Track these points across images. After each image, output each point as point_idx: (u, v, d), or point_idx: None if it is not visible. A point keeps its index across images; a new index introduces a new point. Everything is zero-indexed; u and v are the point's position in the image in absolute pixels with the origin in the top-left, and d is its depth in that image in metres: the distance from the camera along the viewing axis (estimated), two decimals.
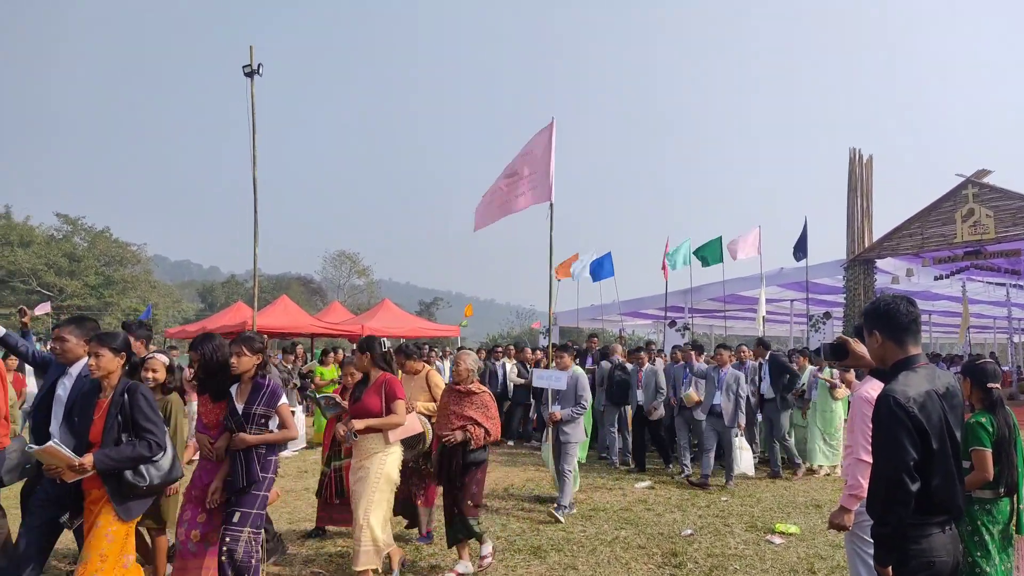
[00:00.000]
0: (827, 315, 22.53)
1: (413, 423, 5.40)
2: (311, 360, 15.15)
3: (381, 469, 5.01)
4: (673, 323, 24.96)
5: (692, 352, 10.97)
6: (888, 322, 2.78)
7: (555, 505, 7.31)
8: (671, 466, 10.09)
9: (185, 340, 24.27)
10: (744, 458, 9.13)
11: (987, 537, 3.81)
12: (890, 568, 2.60)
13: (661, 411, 10.03)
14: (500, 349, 14.29)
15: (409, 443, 5.61)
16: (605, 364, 10.98)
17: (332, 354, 11.95)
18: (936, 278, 21.41)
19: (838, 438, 9.68)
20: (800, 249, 20.38)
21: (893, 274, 21.29)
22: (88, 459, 3.81)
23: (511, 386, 12.92)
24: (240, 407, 4.55)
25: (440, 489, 6.33)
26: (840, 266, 21.30)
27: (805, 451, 10.02)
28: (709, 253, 20.83)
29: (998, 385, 4.03)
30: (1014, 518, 3.96)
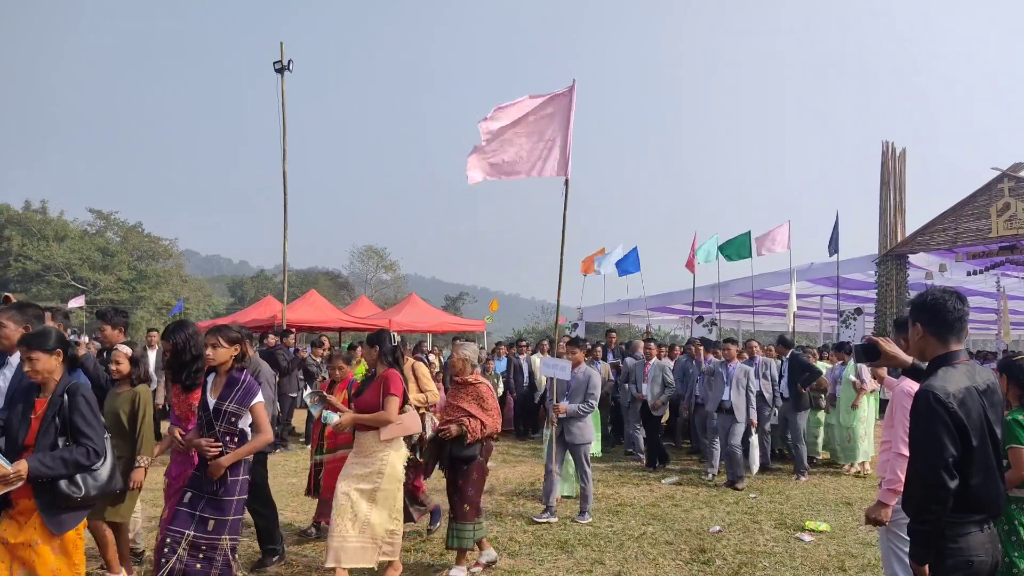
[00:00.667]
0: (858, 311, 22.23)
1: (411, 422, 5.19)
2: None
3: (383, 468, 4.88)
4: (700, 319, 24.80)
5: (700, 348, 10.85)
6: (933, 316, 2.73)
7: (578, 511, 7.09)
8: (663, 465, 9.86)
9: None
10: (754, 455, 8.99)
11: None
12: (927, 566, 2.56)
13: (666, 407, 9.98)
14: (524, 343, 14.21)
15: None
16: (631, 360, 10.95)
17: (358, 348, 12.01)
18: (969, 273, 21.03)
19: (859, 436, 9.54)
20: (832, 243, 20.13)
21: (926, 269, 20.94)
22: (23, 466, 3.44)
23: (539, 381, 12.91)
24: (212, 402, 4.21)
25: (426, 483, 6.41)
26: (872, 261, 21.00)
27: (846, 449, 9.79)
28: (737, 248, 20.65)
29: None
30: None
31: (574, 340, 7.74)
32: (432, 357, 15.68)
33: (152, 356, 11.79)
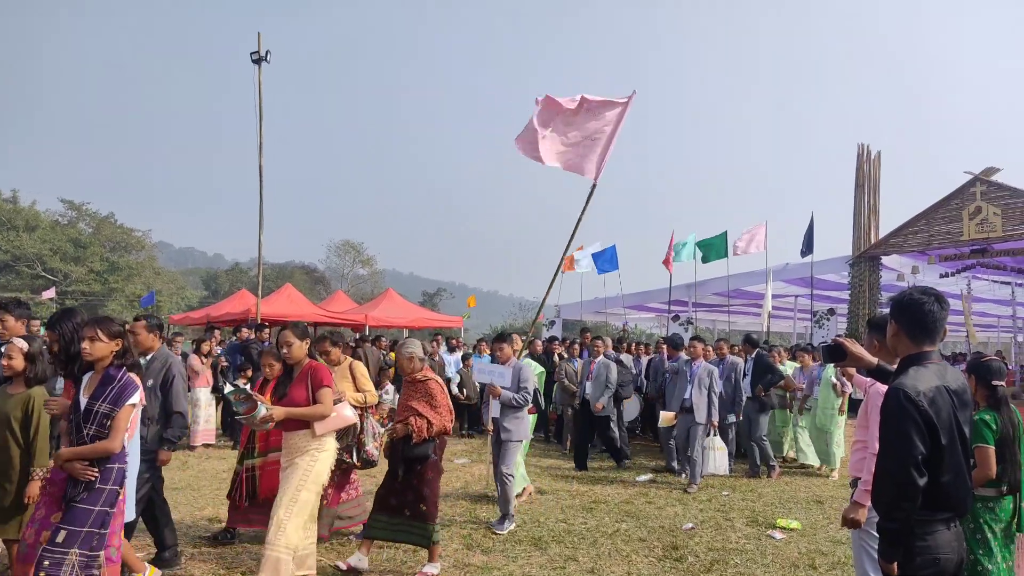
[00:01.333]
0: (831, 311, 22.49)
1: (344, 414, 4.98)
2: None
3: (311, 467, 4.64)
4: (676, 317, 24.95)
5: (664, 346, 10.71)
6: (910, 317, 2.75)
7: (497, 519, 6.60)
8: (625, 462, 9.86)
9: (189, 327, 24.37)
10: (718, 458, 8.59)
11: (989, 535, 3.80)
12: (895, 564, 2.58)
13: (608, 406, 9.65)
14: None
15: (337, 435, 5.34)
16: (577, 361, 11.00)
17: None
18: (942, 276, 21.35)
19: (836, 440, 9.36)
20: (806, 245, 20.33)
21: (899, 271, 21.23)
22: None
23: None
24: (84, 401, 3.83)
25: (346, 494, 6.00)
26: (845, 262, 21.25)
27: (824, 453, 9.63)
28: (714, 248, 20.78)
29: (1003, 383, 4.01)
30: (1016, 516, 3.95)
31: (502, 336, 7.16)
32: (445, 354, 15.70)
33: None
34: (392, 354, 15.24)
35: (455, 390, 12.74)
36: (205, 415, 10.71)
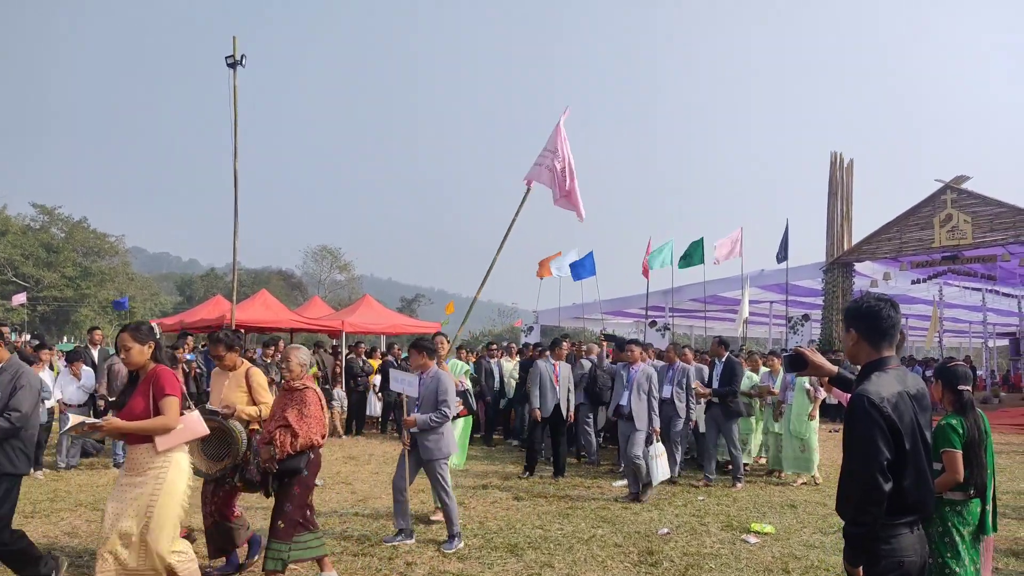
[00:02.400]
0: (806, 317, 22.76)
1: (193, 426, 4.32)
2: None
3: (159, 487, 4.08)
4: (654, 323, 25.09)
5: (604, 343, 10.37)
6: (868, 323, 2.79)
7: (445, 538, 6.20)
8: (559, 476, 9.42)
9: (163, 333, 24.07)
10: (660, 465, 8.12)
11: (957, 538, 3.85)
12: (860, 568, 2.62)
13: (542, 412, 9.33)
14: (495, 347, 14.04)
15: (215, 454, 4.97)
16: (584, 363, 11.00)
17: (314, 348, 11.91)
18: (913, 282, 21.68)
19: (813, 446, 9.19)
20: (781, 251, 20.53)
21: (871, 277, 21.54)
22: None
23: (510, 385, 12.87)
24: None
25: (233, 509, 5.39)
26: (819, 269, 21.50)
27: (799, 460, 9.41)
28: (691, 255, 20.92)
29: (969, 387, 4.08)
30: (982, 519, 4.01)
31: (416, 343, 6.53)
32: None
33: (96, 354, 11.50)
34: (372, 360, 15.19)
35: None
36: None
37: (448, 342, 7.40)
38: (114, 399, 9.72)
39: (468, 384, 7.69)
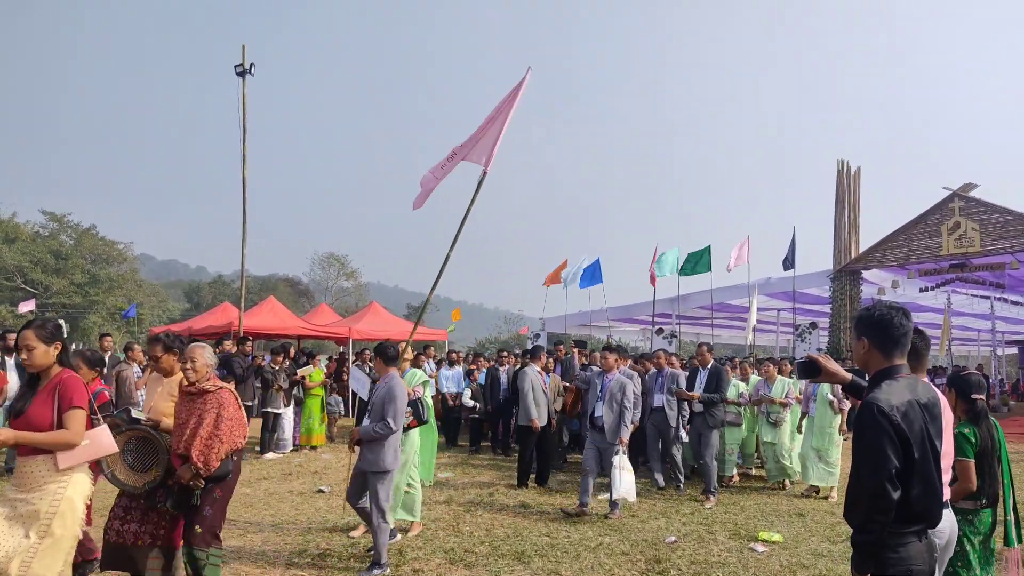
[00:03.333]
0: (813, 325, 22.67)
1: (100, 443, 3.83)
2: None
3: (56, 507, 3.60)
4: (661, 330, 25.05)
5: (576, 351, 10.08)
6: (879, 332, 2.78)
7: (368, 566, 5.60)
8: (522, 484, 9.16)
9: None
10: (624, 480, 7.48)
11: (968, 547, 3.84)
12: None
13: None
14: (506, 354, 13.93)
15: (139, 465, 4.49)
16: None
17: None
18: (921, 290, 21.60)
19: (836, 457, 8.79)
20: (789, 259, 20.50)
21: (879, 285, 21.46)
22: None
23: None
24: None
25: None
26: (827, 277, 21.44)
27: (780, 470, 9.34)
28: (697, 263, 20.90)
29: (982, 396, 4.06)
30: (995, 529, 3.99)
31: (377, 348, 6.15)
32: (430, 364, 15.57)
33: (107, 359, 11.56)
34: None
35: (468, 402, 12.87)
36: None
37: (411, 351, 6.91)
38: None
39: (424, 393, 7.04)
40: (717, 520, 7.57)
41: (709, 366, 9.05)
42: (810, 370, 3.16)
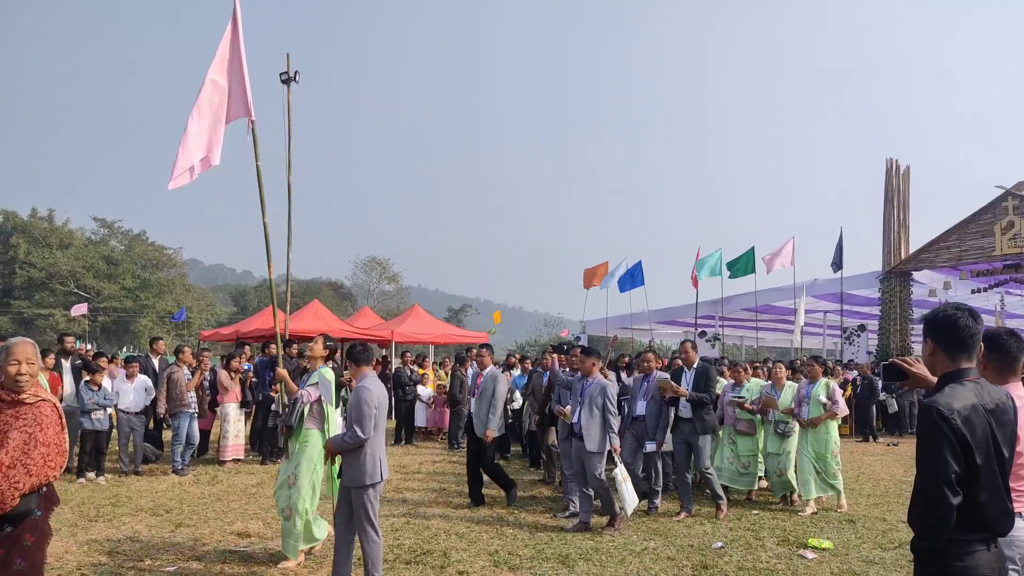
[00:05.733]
0: (862, 327, 22.23)
1: None
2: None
3: None
4: (703, 333, 24.80)
5: (554, 357, 8.88)
6: (944, 333, 2.71)
7: None
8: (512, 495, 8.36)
9: (219, 343, 24.73)
10: (628, 490, 7.04)
11: None
12: None
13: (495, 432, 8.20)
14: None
15: None
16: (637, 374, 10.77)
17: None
18: (974, 291, 21.05)
19: (834, 465, 8.19)
20: (836, 260, 20.17)
21: (930, 286, 20.96)
22: None
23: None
24: None
25: None
26: (876, 278, 21.03)
27: (783, 483, 8.53)
28: (741, 264, 20.68)
29: None
30: None
31: (349, 349, 5.67)
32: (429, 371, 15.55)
33: (156, 363, 11.85)
34: (421, 369, 15.27)
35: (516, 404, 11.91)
36: (234, 430, 10.81)
37: (326, 345, 6.32)
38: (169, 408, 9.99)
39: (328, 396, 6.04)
40: (765, 526, 7.45)
41: (695, 365, 8.07)
42: (895, 374, 3.03)
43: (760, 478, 9.04)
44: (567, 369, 8.34)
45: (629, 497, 7.01)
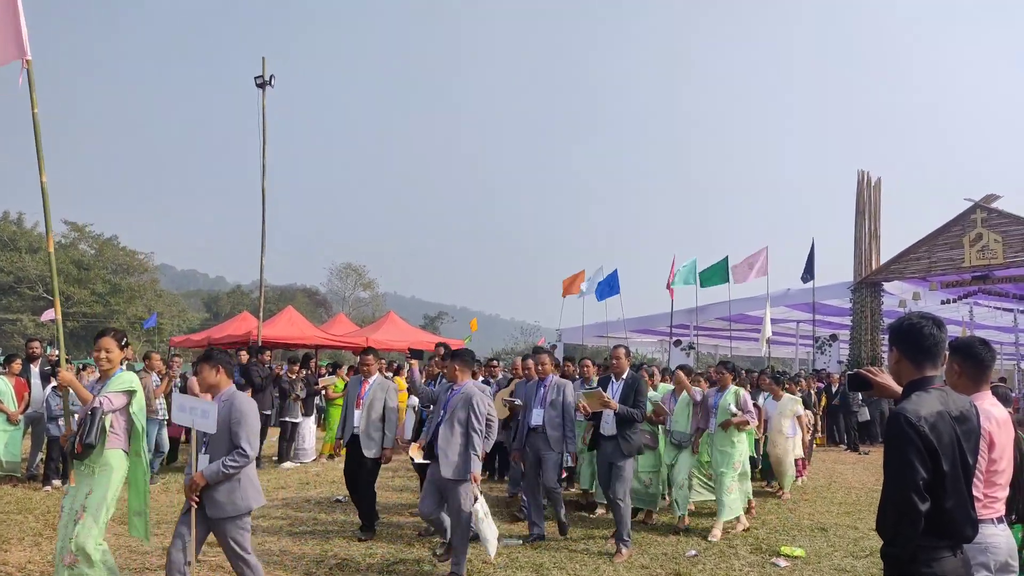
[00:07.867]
0: (833, 337, 22.48)
1: None
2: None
3: None
4: (678, 342, 24.92)
5: (528, 365, 7.82)
6: (910, 342, 2.74)
7: None
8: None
9: (189, 349, 24.42)
10: (486, 528, 5.79)
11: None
12: None
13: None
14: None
15: None
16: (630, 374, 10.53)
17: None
18: (943, 302, 21.37)
19: (729, 480, 7.45)
20: (807, 271, 20.38)
21: (900, 297, 21.26)
22: None
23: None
24: None
25: None
26: (847, 288, 21.28)
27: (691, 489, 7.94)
28: (714, 274, 20.85)
29: (1010, 409, 3.99)
30: None
31: (207, 354, 4.66)
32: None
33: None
34: (398, 379, 15.16)
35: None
36: None
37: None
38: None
39: (131, 403, 4.84)
40: (738, 534, 7.48)
41: (625, 375, 6.99)
42: (860, 383, 3.05)
43: (663, 496, 8.23)
44: (443, 379, 7.16)
45: (491, 535, 5.76)
